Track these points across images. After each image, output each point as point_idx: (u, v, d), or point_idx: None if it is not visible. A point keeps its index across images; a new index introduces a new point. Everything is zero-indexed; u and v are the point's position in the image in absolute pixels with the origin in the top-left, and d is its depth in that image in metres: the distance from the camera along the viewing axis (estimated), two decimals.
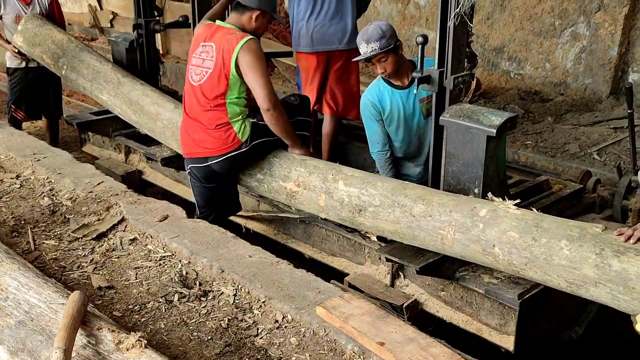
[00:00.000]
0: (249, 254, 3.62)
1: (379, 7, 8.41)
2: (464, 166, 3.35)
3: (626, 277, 2.42)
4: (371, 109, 3.94)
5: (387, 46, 3.70)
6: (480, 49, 7.21)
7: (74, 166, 4.92)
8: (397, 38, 3.78)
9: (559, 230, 2.68)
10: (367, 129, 4.05)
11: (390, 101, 3.92)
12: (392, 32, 3.75)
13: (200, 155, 3.95)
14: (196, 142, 3.95)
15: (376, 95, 3.93)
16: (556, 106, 6.31)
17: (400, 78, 3.91)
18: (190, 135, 3.99)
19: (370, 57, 3.74)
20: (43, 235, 3.96)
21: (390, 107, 3.92)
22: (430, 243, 3.12)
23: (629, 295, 2.43)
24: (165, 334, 3.01)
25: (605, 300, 2.54)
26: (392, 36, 3.73)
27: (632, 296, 2.42)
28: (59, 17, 6.17)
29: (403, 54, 3.92)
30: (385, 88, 3.93)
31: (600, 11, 6.18)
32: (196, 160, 3.99)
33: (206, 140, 3.89)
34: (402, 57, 3.89)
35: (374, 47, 3.68)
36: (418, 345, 2.72)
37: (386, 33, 3.70)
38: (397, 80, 3.91)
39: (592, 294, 2.58)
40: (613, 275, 2.46)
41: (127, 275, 3.52)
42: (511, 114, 3.34)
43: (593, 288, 2.54)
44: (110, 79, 5.17)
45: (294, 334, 2.99)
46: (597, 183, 4.05)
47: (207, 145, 3.90)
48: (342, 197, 3.48)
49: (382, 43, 3.68)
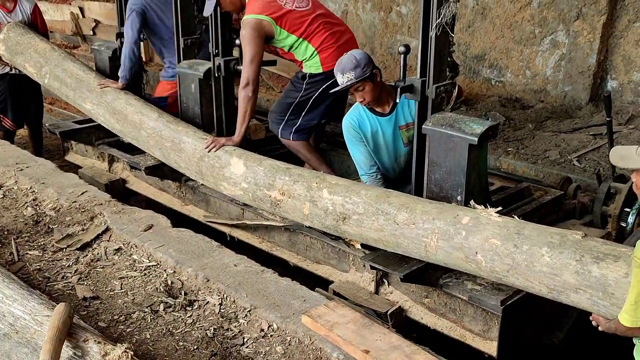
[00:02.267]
0: (234, 262, 3.64)
1: (362, 15, 8.47)
2: (447, 174, 3.39)
3: (605, 283, 2.47)
4: (352, 131, 3.88)
5: (362, 75, 3.62)
6: (461, 57, 7.28)
7: (57, 176, 4.91)
8: (373, 66, 3.70)
9: (540, 237, 2.72)
10: (351, 152, 3.99)
11: (371, 126, 3.86)
12: (367, 60, 3.67)
13: None
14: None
15: (356, 119, 3.87)
16: (537, 113, 6.38)
17: (382, 105, 3.86)
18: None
19: (347, 88, 3.71)
20: (27, 245, 3.94)
21: (370, 133, 3.87)
22: (413, 250, 3.15)
23: (608, 300, 2.47)
24: (151, 344, 3.02)
25: (586, 306, 2.59)
26: (367, 64, 3.66)
27: (611, 301, 2.46)
28: (42, 25, 6.14)
29: (383, 81, 3.85)
30: (366, 113, 3.87)
31: (579, 20, 6.27)
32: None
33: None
34: (382, 84, 3.81)
35: (349, 77, 3.63)
36: (403, 353, 2.75)
37: (361, 62, 3.62)
38: (378, 107, 3.86)
39: (573, 300, 2.62)
40: (593, 281, 2.50)
41: (112, 286, 3.52)
42: (492, 122, 3.38)
43: (573, 294, 2.59)
44: (94, 87, 5.17)
45: (279, 342, 3.01)
46: (578, 189, 4.11)
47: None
48: (326, 205, 3.50)
49: (357, 73, 3.62)
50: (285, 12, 4.25)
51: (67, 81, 5.36)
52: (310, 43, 4.29)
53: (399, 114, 3.86)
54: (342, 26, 4.50)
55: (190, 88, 4.86)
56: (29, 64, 5.64)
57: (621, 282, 2.41)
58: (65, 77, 5.37)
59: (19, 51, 5.68)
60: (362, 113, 3.87)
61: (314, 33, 4.29)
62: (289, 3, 4.29)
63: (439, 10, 3.30)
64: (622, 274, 2.41)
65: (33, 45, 5.65)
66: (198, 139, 4.32)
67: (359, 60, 3.64)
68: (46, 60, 5.54)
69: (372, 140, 3.89)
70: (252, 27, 4.18)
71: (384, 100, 3.84)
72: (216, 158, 4.12)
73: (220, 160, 4.10)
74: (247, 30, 4.18)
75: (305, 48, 4.31)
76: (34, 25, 5.99)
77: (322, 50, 4.29)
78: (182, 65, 4.93)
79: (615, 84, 6.32)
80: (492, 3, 7.08)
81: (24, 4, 5.96)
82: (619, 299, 2.40)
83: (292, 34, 4.26)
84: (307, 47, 4.30)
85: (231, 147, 4.16)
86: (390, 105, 3.85)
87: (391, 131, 3.87)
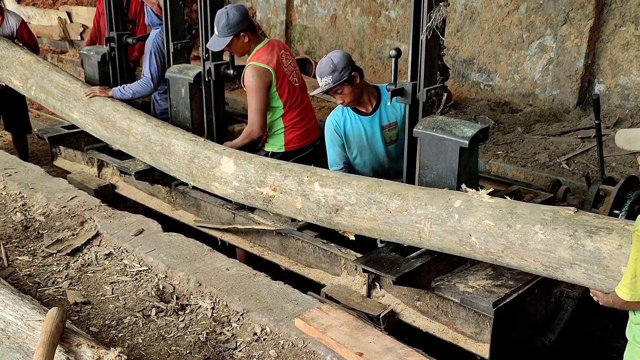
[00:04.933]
0: (226, 266, 3.63)
1: (350, 19, 8.50)
2: (438, 177, 3.40)
3: (600, 256, 2.47)
4: (333, 133, 3.94)
5: (340, 79, 3.65)
6: (450, 61, 7.33)
7: (46, 181, 4.88)
8: (352, 68, 3.72)
9: (533, 215, 2.73)
10: (328, 150, 4.05)
11: (352, 127, 3.90)
12: (345, 63, 3.66)
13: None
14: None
15: (340, 120, 3.92)
16: (525, 117, 6.43)
17: (364, 105, 3.89)
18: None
19: (326, 92, 3.74)
20: (16, 251, 3.92)
21: (352, 133, 3.91)
22: (407, 237, 3.16)
23: (604, 273, 2.48)
24: (143, 349, 3.00)
25: (582, 281, 2.59)
26: (346, 68, 3.66)
27: (606, 274, 2.47)
28: (30, 40, 6.10)
29: (365, 81, 3.88)
30: (348, 113, 3.91)
31: (566, 24, 6.33)
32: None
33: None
34: (364, 85, 3.85)
35: (327, 81, 3.67)
36: (396, 355, 2.76)
37: (338, 66, 3.65)
38: (360, 106, 3.88)
39: (569, 276, 2.62)
40: (587, 255, 2.51)
41: (103, 291, 3.51)
42: (483, 125, 3.40)
43: (569, 270, 2.59)
44: (81, 96, 5.12)
45: (273, 346, 3.00)
46: (567, 192, 4.14)
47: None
48: (318, 198, 3.50)
49: (334, 77, 3.65)
50: (284, 74, 4.37)
51: (53, 92, 5.32)
52: (283, 118, 4.41)
53: (382, 114, 3.89)
54: (311, 112, 4.65)
55: (180, 92, 4.85)
56: (14, 77, 5.60)
57: (615, 254, 2.42)
58: (51, 88, 5.33)
59: (3, 65, 5.64)
60: (345, 113, 3.93)
61: (291, 109, 4.42)
62: (289, 71, 4.42)
63: (430, 14, 3.32)
64: (615, 246, 2.43)
65: (17, 58, 5.62)
66: (187, 141, 4.31)
67: (337, 64, 3.66)
68: (31, 72, 5.50)
69: (354, 140, 3.93)
70: (259, 74, 4.25)
71: (365, 100, 3.88)
72: (206, 159, 4.11)
73: (210, 161, 4.09)
74: (255, 77, 4.24)
75: (278, 118, 4.41)
76: (20, 40, 5.97)
77: (288, 130, 4.43)
78: (172, 69, 4.92)
79: (602, 88, 6.38)
80: (480, 8, 7.13)
81: (10, 20, 5.94)
82: (614, 271, 2.41)
83: (280, 98, 4.36)
84: (279, 121, 4.42)
85: (220, 147, 4.17)
86: (373, 104, 3.89)
87: (373, 131, 3.90)
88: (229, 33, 4.23)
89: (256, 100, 4.29)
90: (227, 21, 4.21)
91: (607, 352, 3.62)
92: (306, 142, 4.53)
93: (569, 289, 3.52)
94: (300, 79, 4.59)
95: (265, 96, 4.30)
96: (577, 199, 4.06)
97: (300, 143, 4.49)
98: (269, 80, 4.28)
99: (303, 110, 4.50)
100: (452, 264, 3.34)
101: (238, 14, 4.24)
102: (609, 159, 5.18)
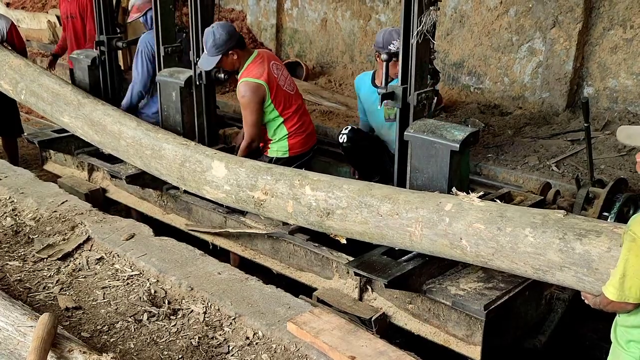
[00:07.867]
0: (218, 271, 3.63)
1: (341, 23, 8.51)
2: (429, 180, 3.42)
3: (589, 259, 2.49)
4: (356, 88, 4.67)
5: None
6: (440, 64, 7.35)
7: (36, 185, 4.86)
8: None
9: (523, 218, 2.75)
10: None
11: (366, 92, 4.46)
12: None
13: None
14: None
15: (360, 81, 4.60)
16: (515, 120, 6.45)
17: (380, 79, 4.18)
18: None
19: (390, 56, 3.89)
20: (6, 256, 3.90)
21: (364, 98, 4.51)
22: (398, 241, 3.17)
23: (593, 276, 2.49)
24: (135, 354, 2.99)
25: (571, 284, 2.61)
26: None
27: (595, 277, 2.48)
28: (19, 43, 6.09)
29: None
30: (368, 79, 4.49)
31: (555, 27, 6.37)
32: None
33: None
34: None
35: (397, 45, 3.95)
36: (388, 358, 2.77)
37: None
38: (377, 79, 4.32)
39: (559, 279, 2.63)
40: (577, 258, 2.53)
41: (95, 295, 3.49)
42: (474, 129, 3.42)
43: (559, 272, 2.60)
44: (71, 100, 5.10)
45: (265, 350, 3.00)
46: (557, 194, 4.16)
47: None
48: (309, 202, 3.51)
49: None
50: (277, 85, 4.50)
51: (43, 96, 5.29)
52: (285, 125, 4.56)
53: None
54: (308, 116, 4.84)
55: (171, 96, 4.85)
56: (4, 81, 5.57)
57: (604, 257, 2.44)
58: (41, 92, 5.30)
59: None
60: (364, 79, 4.57)
61: (290, 117, 4.56)
62: (282, 80, 4.55)
63: (420, 18, 3.34)
64: (604, 249, 2.45)
65: (7, 62, 5.59)
66: (178, 145, 4.30)
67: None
68: (21, 76, 5.48)
69: (364, 103, 4.61)
70: (253, 90, 4.39)
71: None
72: (197, 163, 4.11)
73: (201, 165, 4.08)
74: (248, 93, 4.39)
75: (279, 127, 4.57)
76: (10, 43, 5.94)
77: (292, 135, 4.59)
78: (163, 73, 4.91)
79: (591, 91, 6.42)
80: (470, 11, 7.16)
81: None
82: (603, 273, 2.43)
83: (276, 109, 4.49)
84: (281, 128, 4.57)
85: (212, 151, 4.18)
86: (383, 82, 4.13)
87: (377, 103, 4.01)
88: (217, 53, 4.39)
89: (251, 114, 4.44)
90: (214, 41, 4.37)
91: (597, 353, 3.64)
92: (308, 146, 4.71)
93: (560, 291, 3.55)
94: (294, 85, 4.69)
95: (259, 110, 4.45)
96: (566, 201, 4.08)
97: (303, 148, 4.66)
98: (262, 94, 4.41)
99: (302, 115, 4.67)
100: (444, 267, 3.36)
101: (224, 33, 4.38)
102: (598, 162, 5.22)
